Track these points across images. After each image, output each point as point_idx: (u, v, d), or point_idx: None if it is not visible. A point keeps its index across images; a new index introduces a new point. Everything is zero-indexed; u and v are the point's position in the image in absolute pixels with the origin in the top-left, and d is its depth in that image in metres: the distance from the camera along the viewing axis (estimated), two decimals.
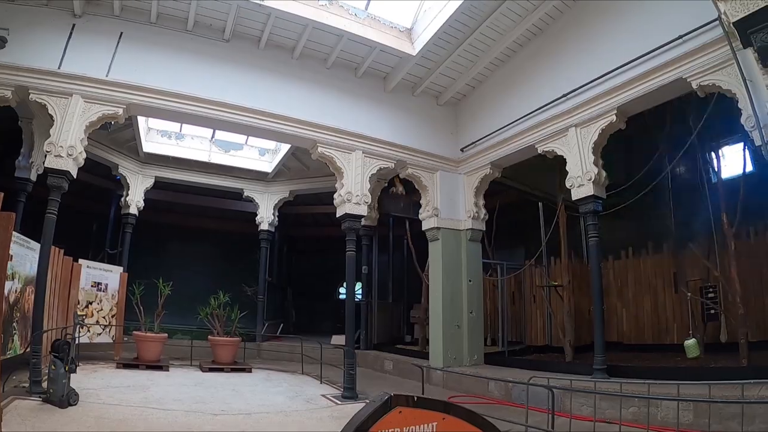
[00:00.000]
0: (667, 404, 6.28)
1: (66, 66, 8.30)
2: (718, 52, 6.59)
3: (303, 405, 8.23)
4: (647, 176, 9.69)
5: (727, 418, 5.61)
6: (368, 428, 1.94)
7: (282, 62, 10.07)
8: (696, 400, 5.49)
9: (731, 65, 6.37)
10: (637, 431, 5.59)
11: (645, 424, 5.24)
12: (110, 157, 13.48)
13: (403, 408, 2.06)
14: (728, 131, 9.38)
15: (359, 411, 2.00)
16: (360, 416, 1.96)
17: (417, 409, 2.12)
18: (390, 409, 2.02)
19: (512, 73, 10.50)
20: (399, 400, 2.06)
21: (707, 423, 4.85)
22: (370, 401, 2.04)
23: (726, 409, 5.64)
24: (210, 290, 12.88)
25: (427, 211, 11.40)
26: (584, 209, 8.60)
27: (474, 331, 11.13)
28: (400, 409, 2.05)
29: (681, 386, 5.40)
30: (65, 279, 10.38)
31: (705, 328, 9.67)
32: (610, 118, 8.19)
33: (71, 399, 6.74)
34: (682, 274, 10.46)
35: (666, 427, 5.81)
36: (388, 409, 2.02)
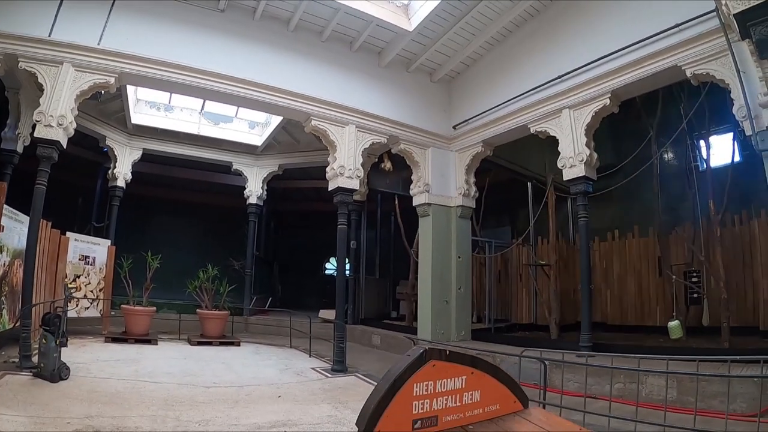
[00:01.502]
0: (651, 381, 6.45)
1: (57, 34, 8.10)
2: (713, 43, 6.72)
3: (293, 378, 8.31)
4: (636, 161, 9.81)
5: (710, 396, 5.78)
6: (406, 379, 2.02)
7: (277, 34, 9.96)
8: (688, 373, 5.62)
9: (726, 56, 6.51)
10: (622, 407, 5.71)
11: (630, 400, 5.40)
12: (98, 129, 13.27)
13: (437, 362, 2.17)
14: (718, 121, 9.51)
15: (396, 364, 2.08)
16: (397, 368, 2.05)
17: (449, 363, 2.22)
18: (425, 362, 2.11)
19: (507, 53, 10.50)
20: (433, 354, 2.16)
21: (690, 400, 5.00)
22: (404, 355, 2.11)
23: (709, 388, 5.82)
24: (198, 264, 12.85)
25: (418, 186, 11.45)
26: (575, 190, 8.72)
27: (462, 307, 11.27)
28: (434, 362, 2.16)
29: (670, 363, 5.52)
30: (53, 252, 10.28)
31: (688, 311, 9.87)
32: (604, 101, 8.27)
33: (62, 373, 6.70)
34: (666, 257, 10.64)
35: (651, 403, 5.96)
36: (424, 362, 2.11)
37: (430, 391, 2.10)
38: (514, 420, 2.39)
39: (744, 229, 9.92)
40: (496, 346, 9.68)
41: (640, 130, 10.49)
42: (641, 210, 12.00)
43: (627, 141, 11.44)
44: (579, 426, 2.44)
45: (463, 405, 2.24)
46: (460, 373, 2.24)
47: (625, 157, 10.09)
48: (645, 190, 11.01)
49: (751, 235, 9.74)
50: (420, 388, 2.07)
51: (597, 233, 12.70)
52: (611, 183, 10.42)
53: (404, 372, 2.02)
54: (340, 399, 6.80)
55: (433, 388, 2.12)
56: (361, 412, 1.95)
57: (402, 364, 2.04)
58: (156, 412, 5.63)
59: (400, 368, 2.02)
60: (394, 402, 1.96)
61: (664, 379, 5.72)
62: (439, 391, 2.14)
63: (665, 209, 10.89)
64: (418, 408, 2.05)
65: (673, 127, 9.47)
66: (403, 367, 2.02)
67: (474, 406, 2.29)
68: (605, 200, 11.34)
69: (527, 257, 13.31)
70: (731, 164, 9.38)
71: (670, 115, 9.89)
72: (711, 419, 5.21)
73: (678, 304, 9.74)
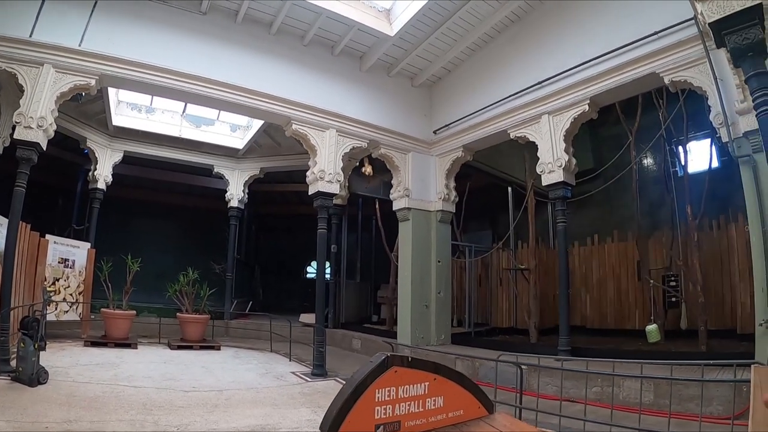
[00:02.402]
0: (628, 385, 6.53)
1: (38, 34, 8.02)
2: (691, 50, 6.84)
3: (273, 382, 8.31)
4: (615, 166, 9.92)
5: (686, 399, 5.87)
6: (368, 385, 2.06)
7: (258, 38, 9.95)
8: (661, 377, 5.72)
9: (703, 63, 6.64)
10: (599, 410, 5.78)
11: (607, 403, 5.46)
12: (78, 130, 13.16)
13: (399, 368, 2.22)
14: (696, 127, 9.66)
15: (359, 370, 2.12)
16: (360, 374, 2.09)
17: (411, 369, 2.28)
18: (387, 369, 2.16)
19: (488, 58, 10.58)
20: (395, 360, 2.22)
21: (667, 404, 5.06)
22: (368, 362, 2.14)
23: (685, 391, 5.90)
24: (179, 267, 12.77)
25: (398, 191, 11.48)
26: (554, 195, 8.80)
27: (442, 311, 11.32)
28: (396, 368, 2.20)
29: (645, 367, 5.59)
30: (32, 255, 10.16)
31: (666, 315, 9.97)
32: (583, 107, 8.37)
33: (41, 377, 6.66)
34: (645, 262, 10.74)
35: (627, 407, 6.03)
36: (386, 368, 2.16)
37: (393, 397, 2.15)
38: (478, 425, 2.44)
39: (721, 234, 10.04)
40: (475, 350, 9.75)
41: (620, 136, 10.61)
42: (620, 215, 12.15)
43: (606, 146, 11.58)
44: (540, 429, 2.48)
45: (426, 410, 2.29)
46: (423, 379, 2.29)
47: (604, 162, 10.24)
48: (624, 195, 11.15)
49: (728, 240, 9.85)
50: (382, 393, 2.11)
51: (577, 237, 12.82)
52: (591, 188, 10.55)
53: (366, 378, 2.06)
54: (320, 403, 6.79)
55: (396, 394, 2.16)
56: (325, 416, 1.98)
57: (364, 370, 2.08)
58: (135, 416, 5.62)
59: (363, 374, 2.06)
60: (356, 407, 2.00)
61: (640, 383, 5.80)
62: (401, 396, 2.18)
63: (644, 214, 11.02)
64: (380, 413, 2.09)
65: (652, 133, 9.62)
66: (365, 373, 2.06)
67: (437, 412, 2.33)
68: (585, 205, 11.46)
69: (507, 261, 13.39)
70: (709, 170, 9.54)
71: (649, 120, 10.01)
72: (686, 422, 5.30)
73: (656, 308, 9.83)
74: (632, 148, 10.06)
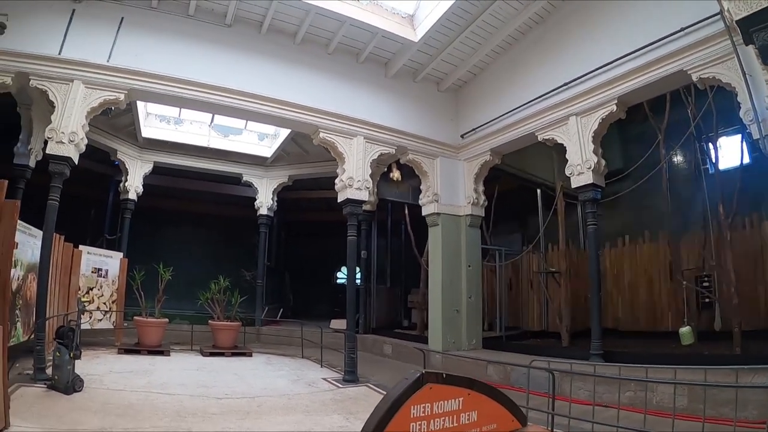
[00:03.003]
0: (662, 389, 6.39)
1: (66, 52, 8.27)
2: (719, 46, 6.67)
3: (305, 388, 8.35)
4: (645, 165, 9.76)
5: (721, 403, 5.70)
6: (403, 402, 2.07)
7: (284, 47, 10.05)
8: (693, 383, 5.57)
9: (731, 59, 6.45)
10: (632, 415, 5.69)
11: (641, 408, 5.35)
12: (109, 143, 13.45)
13: (434, 384, 2.20)
14: (727, 122, 9.43)
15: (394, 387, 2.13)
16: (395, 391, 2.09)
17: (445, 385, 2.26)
18: (422, 386, 2.15)
19: (513, 61, 10.52)
20: (430, 377, 2.20)
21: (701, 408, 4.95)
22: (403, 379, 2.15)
23: (720, 395, 5.73)
24: (209, 275, 12.92)
25: (427, 196, 11.46)
26: (584, 197, 8.69)
27: (473, 315, 11.25)
28: (431, 385, 2.19)
29: (678, 371, 5.47)
30: (66, 265, 10.38)
31: (699, 317, 9.79)
32: (611, 107, 8.26)
33: (76, 385, 6.81)
34: (677, 262, 10.56)
35: (661, 411, 5.89)
36: (420, 385, 2.15)
37: (428, 413, 2.14)
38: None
39: (755, 232, 9.81)
40: (507, 355, 9.66)
41: (649, 134, 10.45)
42: (651, 215, 11.91)
43: (635, 145, 11.40)
44: None
45: (461, 425, 2.28)
46: (457, 394, 2.28)
47: (633, 162, 10.07)
48: (655, 194, 10.93)
49: (762, 238, 9.63)
50: (417, 410, 2.10)
51: (607, 239, 12.65)
52: (621, 188, 10.41)
53: (402, 395, 2.06)
54: (351, 410, 6.82)
55: (431, 410, 2.15)
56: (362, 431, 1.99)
57: (399, 388, 2.08)
58: (168, 423, 5.70)
59: (398, 391, 2.07)
60: (392, 423, 2.00)
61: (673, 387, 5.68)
62: (436, 412, 2.17)
63: (675, 214, 10.80)
64: (415, 429, 2.08)
65: (681, 130, 9.44)
66: (400, 391, 2.07)
67: (471, 426, 2.32)
68: (615, 205, 11.31)
69: (538, 265, 13.26)
70: (740, 166, 9.30)
71: (679, 118, 9.81)
72: (721, 427, 5.18)
73: (689, 309, 9.66)
74: (662, 146, 9.90)
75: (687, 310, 9.67)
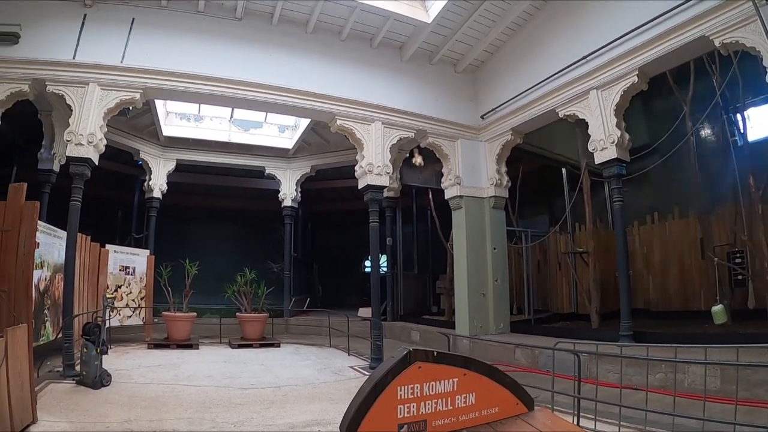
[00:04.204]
0: (693, 370, 6.16)
1: (80, 56, 8.40)
2: (741, 8, 6.31)
3: (331, 377, 8.34)
4: (671, 139, 9.45)
5: (755, 384, 5.48)
6: (388, 383, 1.95)
7: (296, 37, 9.98)
8: (725, 363, 5.33)
9: (755, 21, 6.12)
10: (663, 398, 5.49)
11: (671, 391, 5.13)
12: (131, 143, 13.63)
13: (423, 363, 2.09)
14: (755, 91, 9.06)
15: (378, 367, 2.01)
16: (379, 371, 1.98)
17: (437, 364, 2.14)
18: (409, 364, 2.05)
19: (530, 37, 10.26)
20: (418, 355, 2.09)
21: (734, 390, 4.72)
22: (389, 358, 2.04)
23: (754, 376, 5.51)
24: (236, 269, 13.05)
25: (449, 179, 11.30)
26: (608, 173, 8.42)
27: (499, 299, 11.08)
28: (420, 364, 2.08)
29: (708, 351, 5.20)
30: (93, 265, 10.58)
31: (732, 294, 9.45)
32: (632, 79, 7.94)
33: (104, 380, 6.94)
34: (708, 239, 10.22)
35: (693, 394, 5.69)
36: (407, 364, 2.04)
37: (417, 395, 2.03)
38: (514, 424, 2.28)
39: None
40: (535, 338, 9.51)
41: (674, 107, 10.12)
42: (680, 190, 11.52)
43: (660, 119, 11.06)
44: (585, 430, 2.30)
45: (456, 408, 2.16)
46: (451, 374, 2.16)
47: (659, 136, 9.75)
48: (683, 169, 10.59)
49: None
50: (405, 391, 2.00)
51: (636, 217, 12.37)
52: (647, 164, 10.08)
53: (386, 374, 1.96)
54: None
55: (420, 391, 2.04)
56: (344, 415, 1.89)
57: (384, 367, 1.98)
58: (193, 414, 5.75)
59: (383, 371, 1.96)
60: (376, 405, 1.90)
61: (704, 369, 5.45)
62: (427, 394, 2.07)
63: (705, 188, 10.41)
64: (404, 412, 1.99)
65: (707, 102, 9.09)
66: (385, 370, 1.96)
67: (468, 410, 2.20)
68: (642, 182, 11.01)
69: (565, 245, 13.02)
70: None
71: (704, 88, 9.46)
72: (755, 409, 4.98)
73: (722, 287, 9.34)
74: (688, 118, 9.56)
75: (719, 289, 9.35)
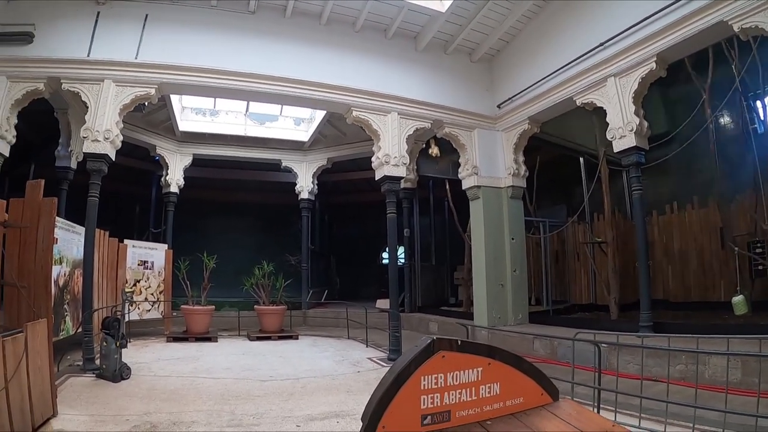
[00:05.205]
0: (714, 362, 6.07)
1: (95, 53, 8.50)
2: None
3: (349, 368, 8.36)
4: (690, 127, 9.31)
5: None
6: (411, 372, 1.92)
7: (310, 29, 9.97)
8: (747, 354, 5.21)
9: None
10: (684, 390, 5.41)
11: (692, 382, 5.04)
12: (147, 139, 13.75)
13: (447, 352, 2.05)
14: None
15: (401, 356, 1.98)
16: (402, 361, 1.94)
17: (461, 353, 2.10)
18: (433, 353, 2.00)
19: (546, 24, 10.14)
20: (442, 344, 2.04)
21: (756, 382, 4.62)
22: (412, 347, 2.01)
23: None
24: (254, 262, 13.06)
25: (466, 169, 11.24)
26: (627, 161, 8.30)
27: (518, 290, 11.02)
28: (444, 353, 2.04)
29: (730, 342, 5.11)
30: (112, 260, 10.70)
31: (753, 285, 9.33)
32: (650, 65, 7.81)
33: (123, 373, 7.00)
34: (729, 228, 10.09)
35: (714, 386, 5.61)
36: (431, 353, 2.00)
37: (441, 385, 2.00)
38: (539, 414, 2.23)
39: None
40: (554, 329, 9.45)
41: (692, 94, 9.97)
42: (700, 179, 11.38)
43: (679, 107, 10.90)
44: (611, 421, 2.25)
45: (480, 399, 2.12)
46: (475, 364, 2.11)
47: (678, 124, 9.61)
48: (702, 157, 10.45)
49: None
50: (428, 381, 1.96)
51: (655, 206, 12.23)
52: (666, 152, 9.94)
53: (409, 364, 1.92)
54: None
55: (444, 381, 2.01)
56: (366, 405, 1.87)
57: (407, 356, 1.95)
58: (212, 406, 5.79)
59: (405, 360, 1.93)
60: (399, 396, 1.87)
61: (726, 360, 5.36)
62: (451, 384, 2.03)
63: (724, 176, 10.28)
64: (427, 402, 1.95)
65: (726, 89, 8.94)
66: (408, 359, 1.93)
67: (493, 400, 2.15)
68: (661, 171, 10.85)
69: (584, 235, 12.91)
70: None
71: (723, 75, 9.32)
72: None
73: (742, 277, 9.21)
74: (707, 106, 9.42)
75: (740, 279, 9.22)
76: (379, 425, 1.81)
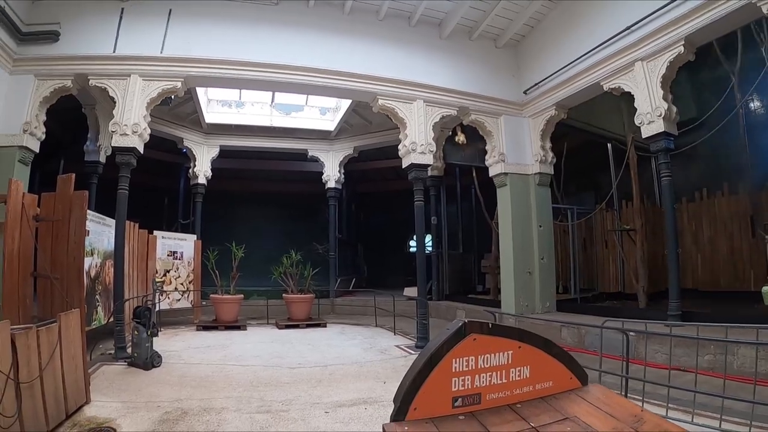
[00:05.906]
0: (743, 352, 6.00)
1: (120, 49, 8.71)
2: None
3: (377, 356, 8.41)
4: (720, 112, 9.13)
5: None
6: (443, 355, 1.95)
7: (334, 19, 10.01)
8: None
9: None
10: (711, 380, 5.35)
11: (720, 373, 4.99)
12: (175, 132, 13.96)
13: (478, 335, 2.07)
14: None
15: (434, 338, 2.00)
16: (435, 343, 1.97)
17: (492, 336, 2.12)
18: (464, 336, 2.03)
19: (571, 8, 9.97)
20: (473, 327, 2.07)
21: None
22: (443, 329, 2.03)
23: None
24: (282, 251, 13.21)
25: (493, 156, 11.20)
26: (655, 147, 8.18)
27: (545, 277, 10.98)
28: (475, 336, 2.06)
29: (760, 333, 5.01)
30: (142, 251, 10.93)
31: None
32: (678, 49, 7.67)
33: (155, 361, 7.18)
34: (759, 216, 9.87)
35: (742, 377, 5.55)
36: (463, 336, 2.02)
37: (472, 367, 2.02)
38: (568, 398, 2.24)
39: None
40: (581, 318, 9.38)
41: (722, 79, 9.76)
42: (730, 165, 11.14)
43: (708, 91, 10.66)
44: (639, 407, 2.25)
45: (510, 382, 2.14)
46: (506, 347, 2.13)
47: (707, 109, 9.42)
48: (732, 143, 10.23)
49: None
50: (460, 363, 1.99)
51: (684, 193, 12.02)
52: (695, 138, 9.75)
53: (441, 347, 1.95)
54: None
55: (475, 364, 2.03)
56: (398, 387, 1.90)
57: (439, 339, 1.97)
58: (242, 393, 5.89)
59: (438, 342, 1.96)
60: (431, 378, 1.91)
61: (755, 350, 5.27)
62: (481, 366, 2.05)
63: (755, 163, 10.05)
64: (458, 384, 1.98)
65: (756, 72, 8.73)
66: (440, 342, 1.95)
67: (523, 383, 2.18)
68: (690, 157, 10.66)
69: (612, 222, 12.77)
70: None
71: (752, 58, 9.07)
72: None
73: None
74: (736, 90, 9.20)
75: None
76: (411, 407, 1.85)
